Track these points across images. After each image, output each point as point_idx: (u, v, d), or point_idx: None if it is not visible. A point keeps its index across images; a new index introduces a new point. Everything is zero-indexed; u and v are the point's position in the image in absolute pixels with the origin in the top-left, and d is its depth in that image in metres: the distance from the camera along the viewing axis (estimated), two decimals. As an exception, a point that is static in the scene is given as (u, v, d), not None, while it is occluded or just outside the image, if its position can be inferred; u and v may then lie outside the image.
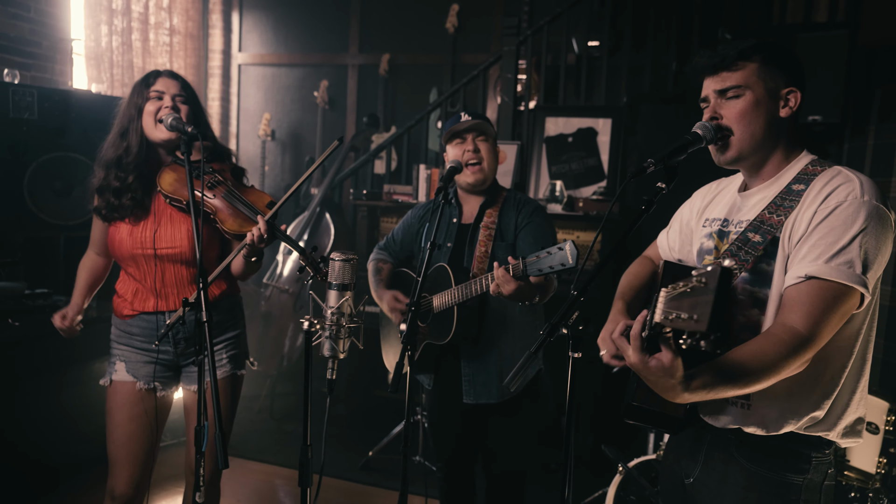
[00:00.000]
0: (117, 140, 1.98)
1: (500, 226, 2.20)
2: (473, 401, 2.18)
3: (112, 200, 1.96)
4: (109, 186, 1.97)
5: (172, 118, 1.89)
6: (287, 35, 5.45)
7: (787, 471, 1.32)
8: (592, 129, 3.94)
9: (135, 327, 2.05)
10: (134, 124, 1.95)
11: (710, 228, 1.52)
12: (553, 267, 1.77)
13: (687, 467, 1.48)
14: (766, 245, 1.30)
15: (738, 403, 1.34)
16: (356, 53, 5.28)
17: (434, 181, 4.01)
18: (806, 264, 1.23)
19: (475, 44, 5.00)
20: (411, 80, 5.14)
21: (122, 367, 2.04)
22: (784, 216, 1.30)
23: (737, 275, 1.32)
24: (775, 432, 1.31)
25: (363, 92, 5.30)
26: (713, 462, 1.41)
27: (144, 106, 1.93)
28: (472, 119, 2.20)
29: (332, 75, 5.32)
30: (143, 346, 2.05)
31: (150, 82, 1.95)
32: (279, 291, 4.13)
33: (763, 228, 1.32)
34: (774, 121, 1.36)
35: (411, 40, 5.13)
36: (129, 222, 1.99)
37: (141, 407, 2.03)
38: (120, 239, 2.00)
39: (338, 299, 1.48)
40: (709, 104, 1.42)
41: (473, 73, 4.25)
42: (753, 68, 1.35)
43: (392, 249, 2.50)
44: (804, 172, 1.35)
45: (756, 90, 1.35)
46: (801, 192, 1.31)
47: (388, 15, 5.18)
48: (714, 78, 1.40)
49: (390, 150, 4.55)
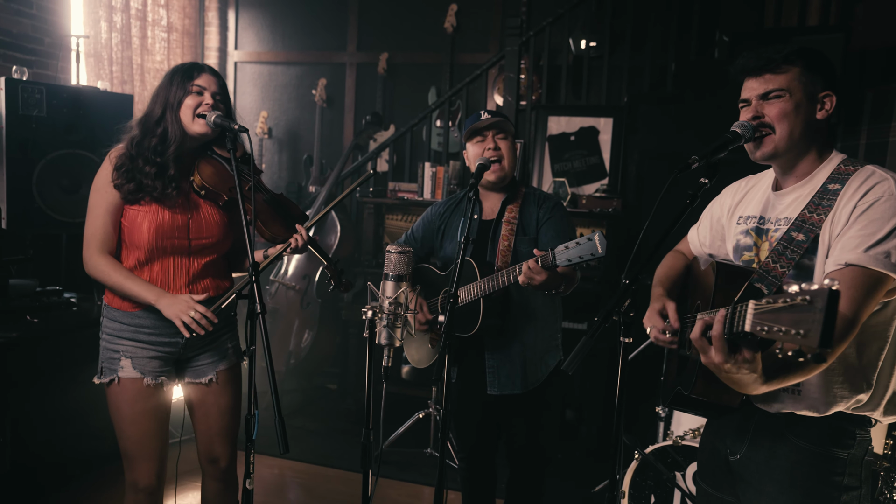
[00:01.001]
0: (152, 126, 1.95)
1: (522, 221, 2.27)
2: (498, 392, 2.24)
3: (146, 182, 1.92)
4: (142, 170, 1.93)
5: (216, 116, 1.92)
6: (284, 33, 5.46)
7: (833, 446, 1.41)
8: (594, 127, 4.04)
9: (146, 319, 1.99)
10: (172, 114, 1.94)
11: (745, 226, 1.60)
12: (583, 257, 1.85)
13: (732, 445, 1.56)
14: (810, 243, 1.39)
15: (790, 390, 1.43)
16: (354, 52, 5.31)
17: (439, 179, 4.07)
18: (846, 253, 1.32)
19: (473, 43, 5.06)
20: (410, 78, 5.19)
21: (128, 363, 1.98)
22: (824, 215, 1.38)
23: (785, 272, 1.40)
24: (825, 413, 1.40)
25: (361, 90, 5.33)
26: (761, 440, 1.50)
27: (185, 99, 1.94)
28: (492, 117, 2.26)
29: (330, 73, 5.34)
30: (150, 338, 2.00)
31: (194, 76, 1.95)
32: (285, 288, 4.15)
33: (805, 227, 1.40)
34: (811, 122, 1.45)
35: (410, 39, 5.17)
36: (161, 209, 1.96)
37: (151, 402, 2.01)
38: (148, 225, 1.95)
39: (395, 290, 1.53)
40: (749, 104, 1.49)
41: (476, 72, 4.31)
42: (796, 72, 1.43)
43: (413, 246, 2.55)
44: (838, 172, 1.43)
45: (797, 94, 1.43)
46: (837, 191, 1.39)
47: (386, 14, 5.22)
48: (758, 79, 1.46)
49: (393, 149, 4.59)
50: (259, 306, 1.69)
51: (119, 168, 1.95)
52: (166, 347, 2.03)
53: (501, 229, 2.26)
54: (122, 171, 1.94)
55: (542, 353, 2.29)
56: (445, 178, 4.06)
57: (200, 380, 2.10)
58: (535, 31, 4.12)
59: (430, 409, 3.44)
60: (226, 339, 2.18)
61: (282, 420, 1.61)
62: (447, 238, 2.42)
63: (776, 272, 1.41)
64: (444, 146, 4.55)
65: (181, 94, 1.94)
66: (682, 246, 1.88)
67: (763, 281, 1.41)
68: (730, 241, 1.65)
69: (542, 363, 2.29)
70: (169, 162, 1.95)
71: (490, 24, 5.05)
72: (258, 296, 1.71)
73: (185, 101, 1.94)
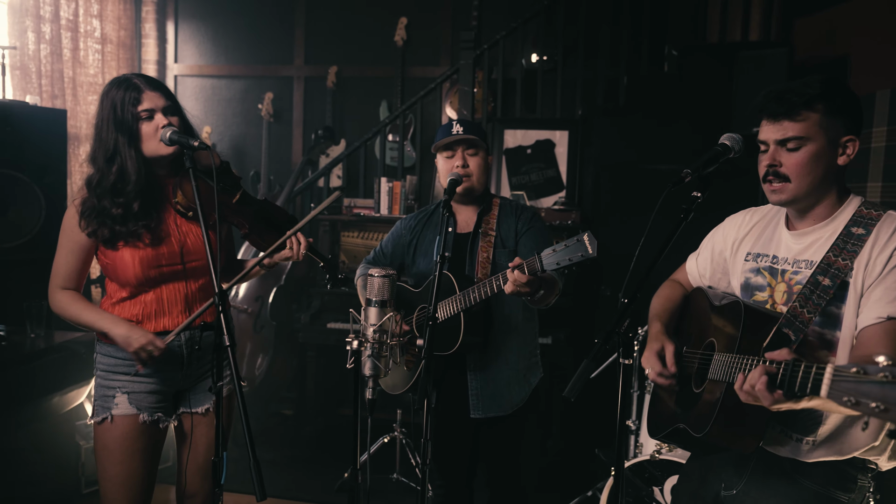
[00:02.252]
0: (104, 166, 1.82)
1: (500, 233, 2.22)
2: (482, 415, 2.17)
3: (118, 228, 1.83)
4: (109, 213, 1.81)
5: (171, 132, 1.79)
6: (227, 46, 5.26)
7: (836, 488, 1.39)
8: (550, 140, 4.04)
9: None
10: (126, 150, 1.79)
11: (755, 263, 1.55)
12: (572, 259, 1.76)
13: (728, 480, 1.52)
14: (836, 289, 1.34)
15: (804, 441, 1.40)
16: (302, 65, 5.17)
17: (396, 194, 3.98)
18: (884, 305, 1.29)
19: (424, 57, 5.02)
20: (360, 92, 5.09)
21: (123, 399, 1.87)
22: (850, 260, 1.34)
23: (812, 318, 1.36)
24: (843, 458, 1.38)
25: (310, 104, 5.19)
26: (762, 477, 1.46)
27: (139, 128, 1.80)
28: (464, 132, 2.19)
29: (277, 87, 5.18)
30: (148, 371, 1.88)
31: (137, 100, 1.79)
32: (237, 311, 3.96)
33: (831, 272, 1.36)
34: (832, 169, 1.40)
35: (359, 52, 5.08)
36: (146, 242, 1.86)
37: (142, 441, 1.89)
38: (133, 259, 1.85)
39: (379, 316, 1.43)
40: (768, 148, 1.44)
41: (431, 85, 4.26)
42: (816, 119, 1.37)
43: (381, 263, 2.46)
44: (860, 215, 1.39)
45: (817, 141, 1.37)
46: (861, 236, 1.35)
47: (334, 26, 5.11)
48: (775, 125, 1.40)
49: (346, 164, 4.48)
50: (227, 338, 1.57)
51: (87, 216, 1.83)
52: (165, 379, 1.91)
53: (479, 242, 2.20)
54: (91, 219, 1.83)
55: (525, 370, 2.24)
56: (402, 193, 3.98)
57: (197, 409, 1.98)
58: (489, 44, 4.10)
59: (396, 433, 3.33)
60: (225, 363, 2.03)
61: (257, 463, 1.48)
62: (419, 253, 2.34)
63: (803, 317, 1.36)
64: (398, 161, 4.47)
65: (133, 125, 1.79)
66: (680, 275, 1.82)
67: (790, 326, 1.37)
68: (736, 276, 1.60)
69: (525, 381, 2.23)
70: (131, 200, 1.81)
71: (440, 38, 5.02)
72: (226, 327, 1.58)
73: (142, 130, 1.80)
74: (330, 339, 3.71)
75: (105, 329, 1.85)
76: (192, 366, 1.95)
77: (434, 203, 2.44)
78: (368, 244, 4.02)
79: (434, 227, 2.33)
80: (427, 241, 2.30)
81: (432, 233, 2.32)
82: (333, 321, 3.75)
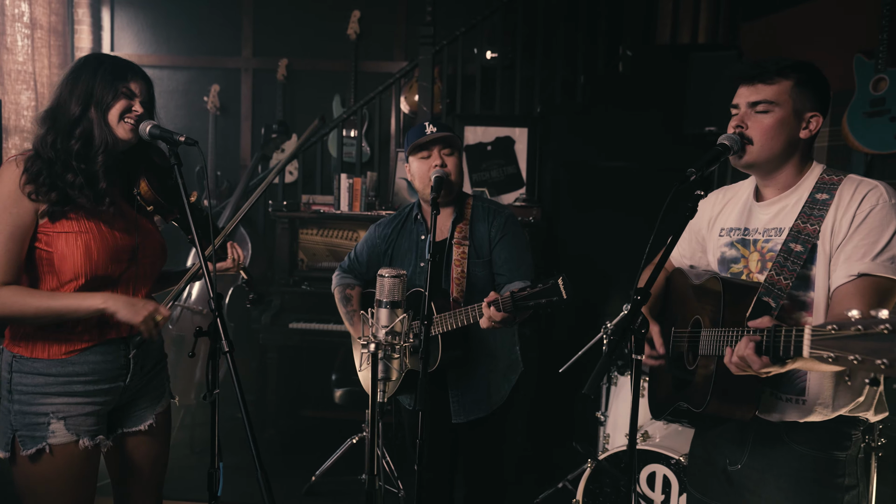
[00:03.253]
0: (67, 126, 1.62)
1: (473, 241, 2.16)
2: (464, 419, 2.16)
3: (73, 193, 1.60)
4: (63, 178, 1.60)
5: (151, 126, 1.68)
6: (169, 35, 5.02)
7: (834, 449, 1.46)
8: (510, 137, 4.08)
9: (82, 364, 1.67)
10: (99, 115, 1.64)
11: (729, 237, 1.62)
12: (547, 301, 1.76)
13: (732, 455, 1.58)
14: (808, 253, 1.43)
15: (793, 400, 1.47)
16: (250, 57, 5.00)
17: (356, 190, 3.91)
18: (854, 263, 1.37)
19: (378, 51, 4.95)
20: (312, 86, 4.97)
21: (59, 426, 1.63)
22: (818, 225, 1.43)
23: (789, 284, 1.43)
24: (828, 417, 1.45)
25: (259, 98, 5.02)
26: (762, 448, 1.53)
27: (113, 102, 1.65)
28: (438, 131, 2.14)
29: (224, 79, 4.98)
30: (87, 388, 1.67)
31: (127, 77, 1.67)
32: (191, 313, 3.79)
33: (802, 238, 1.44)
34: (793, 140, 1.48)
35: (311, 45, 4.96)
36: (97, 227, 1.66)
37: (86, 468, 1.69)
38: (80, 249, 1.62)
39: (390, 318, 1.40)
40: (739, 111, 1.52)
41: (389, 80, 4.21)
42: (787, 86, 1.46)
43: (357, 271, 2.40)
44: (822, 182, 1.48)
45: (784, 108, 1.46)
46: (826, 201, 1.44)
47: (284, 18, 4.96)
48: (749, 88, 1.49)
49: (302, 160, 4.37)
50: (226, 343, 1.50)
51: (35, 175, 1.59)
52: (104, 396, 1.72)
53: (453, 253, 2.14)
54: (39, 180, 1.59)
55: (505, 370, 2.23)
56: (363, 189, 3.91)
57: (139, 427, 1.82)
58: (449, 40, 4.09)
59: (365, 433, 3.28)
60: (162, 375, 1.93)
61: (265, 477, 1.42)
62: (395, 262, 2.28)
63: (781, 284, 1.44)
64: (356, 157, 4.39)
65: (109, 96, 1.64)
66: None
67: (770, 294, 1.44)
68: (712, 253, 1.68)
69: (506, 380, 2.23)
70: (98, 173, 1.64)
71: (394, 32, 4.96)
72: (223, 331, 1.51)
73: (114, 105, 1.65)
74: (292, 339, 3.62)
75: (90, 307, 1.59)
76: (135, 378, 1.77)
77: (408, 206, 2.37)
78: (329, 242, 3.94)
79: (408, 233, 2.27)
80: (403, 249, 2.25)
81: (407, 241, 2.26)
82: (295, 321, 3.65)
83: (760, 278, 1.52)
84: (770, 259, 1.51)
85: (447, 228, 2.20)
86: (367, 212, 3.86)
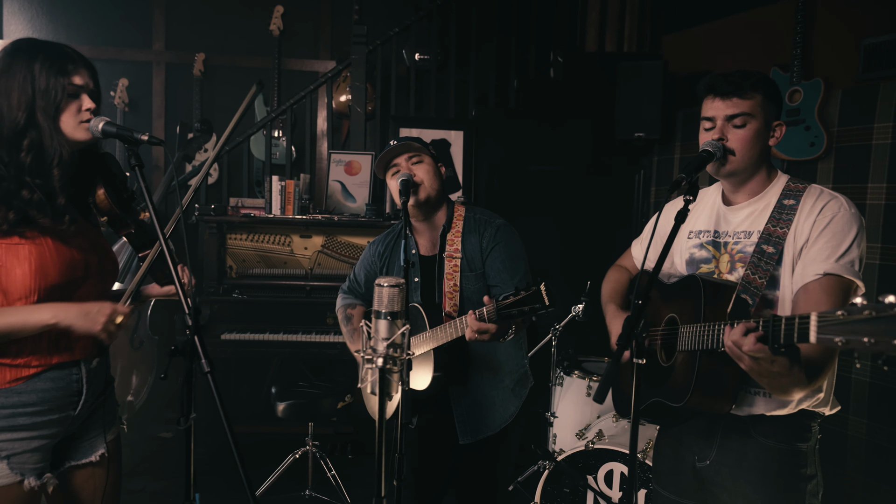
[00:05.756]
0: (13, 137, 1.43)
1: (465, 254, 2.06)
2: (472, 439, 2.05)
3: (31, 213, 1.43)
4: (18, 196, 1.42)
5: (104, 123, 1.51)
6: (68, 23, 4.60)
7: (797, 441, 1.55)
8: (446, 140, 4.05)
9: (29, 394, 1.47)
10: (48, 122, 1.45)
11: (698, 240, 1.70)
12: (527, 310, 1.71)
13: (701, 451, 1.63)
14: (779, 255, 1.52)
15: (761, 392, 1.53)
16: (162, 50, 4.68)
17: (289, 193, 3.74)
18: (819, 263, 1.46)
19: (302, 49, 4.79)
20: (231, 84, 4.72)
21: (3, 466, 1.45)
22: (786, 228, 1.53)
23: (763, 283, 1.51)
24: (793, 411, 1.52)
25: (173, 94, 4.72)
26: (730, 443, 1.58)
27: (63, 106, 1.46)
28: (398, 141, 2.09)
29: (133, 73, 4.63)
30: (33, 420, 1.47)
31: (69, 70, 1.47)
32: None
33: (773, 240, 1.53)
34: (765, 147, 1.60)
35: (231, 40, 4.72)
36: (50, 241, 1.47)
37: None
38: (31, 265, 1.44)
39: (390, 330, 1.32)
40: (714, 125, 1.58)
41: (321, 80, 4.07)
42: (759, 100, 1.56)
43: (357, 291, 2.32)
44: (789, 189, 1.58)
45: (759, 119, 1.56)
46: (793, 206, 1.54)
47: (200, 11, 4.68)
48: (725, 101, 1.56)
49: (226, 159, 4.13)
50: (206, 363, 1.36)
51: None
52: (53, 427, 1.52)
53: (445, 266, 2.05)
54: None
55: (513, 384, 2.12)
56: (296, 192, 3.75)
57: (90, 458, 1.62)
58: (382, 39, 4.01)
59: (308, 447, 3.14)
60: (112, 398, 1.73)
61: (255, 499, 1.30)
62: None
63: (756, 283, 1.52)
64: (286, 158, 4.21)
65: (57, 97, 1.45)
66: (626, 261, 1.97)
67: (747, 292, 1.52)
68: (679, 254, 1.75)
69: (515, 395, 2.12)
70: (56, 188, 1.46)
71: (319, 31, 4.81)
72: (202, 350, 1.37)
73: (63, 108, 1.46)
74: (224, 351, 3.40)
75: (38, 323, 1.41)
76: (86, 404, 1.58)
77: (400, 223, 2.26)
78: (259, 247, 3.74)
79: (400, 249, 2.16)
80: (397, 266, 2.16)
81: (399, 257, 2.16)
82: (227, 332, 3.44)
83: (730, 278, 1.59)
84: (740, 260, 1.60)
85: (437, 241, 2.11)
86: (300, 215, 3.70)
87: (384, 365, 1.24)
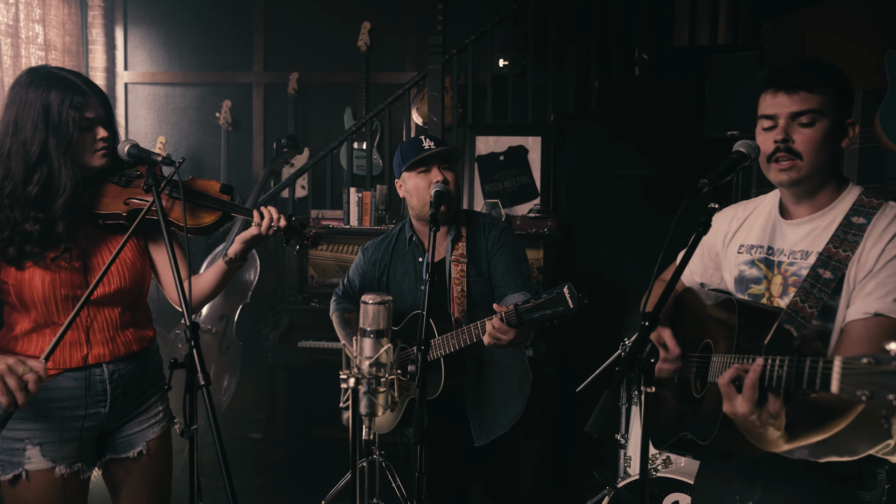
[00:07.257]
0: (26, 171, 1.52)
1: (472, 258, 2.07)
2: (486, 441, 2.08)
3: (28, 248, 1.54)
4: (20, 228, 1.53)
5: (130, 146, 1.61)
6: (181, 52, 5.02)
7: (859, 488, 1.33)
8: (523, 146, 3.96)
9: (56, 391, 1.62)
10: (61, 158, 1.53)
11: (749, 255, 1.49)
12: (554, 313, 1.64)
13: (742, 491, 1.45)
14: (836, 282, 1.29)
15: None
16: (261, 72, 4.98)
17: (366, 205, 3.83)
18: (873, 301, 1.24)
19: (389, 62, 4.89)
20: (323, 99, 4.92)
21: (35, 452, 1.59)
22: (850, 251, 1.29)
23: (814, 313, 1.30)
24: (853, 458, 1.31)
25: (270, 112, 4.99)
26: (777, 484, 1.39)
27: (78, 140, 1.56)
28: (436, 146, 2.04)
29: (236, 95, 4.97)
30: (64, 413, 1.63)
31: (82, 105, 1.55)
32: (201, 332, 3.73)
33: (832, 264, 1.30)
34: (837, 150, 1.36)
35: (321, 58, 4.92)
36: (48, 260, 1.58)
37: (63, 496, 1.63)
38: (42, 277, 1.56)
39: (375, 348, 1.29)
40: (776, 123, 1.37)
41: (399, 91, 4.13)
42: (830, 95, 1.33)
43: (352, 297, 2.33)
44: (860, 204, 1.34)
45: (830, 118, 1.33)
46: (862, 225, 1.30)
47: (295, 32, 4.93)
48: (792, 97, 1.34)
49: (311, 174, 4.31)
50: (202, 377, 1.40)
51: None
52: (87, 422, 1.66)
53: (452, 272, 2.05)
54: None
55: (519, 381, 2.16)
56: (373, 203, 3.83)
57: (128, 454, 1.74)
58: (458, 49, 3.99)
59: (375, 456, 3.17)
60: (156, 400, 1.83)
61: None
62: (393, 288, 2.19)
63: (805, 312, 1.30)
64: (367, 170, 4.32)
65: (70, 132, 1.54)
66: (669, 275, 1.77)
67: (792, 322, 1.30)
68: (728, 270, 1.54)
69: (521, 392, 2.16)
70: (57, 217, 1.56)
71: (405, 43, 4.89)
72: (199, 363, 1.41)
73: (78, 142, 1.56)
74: (301, 358, 3.54)
75: None
76: (117, 403, 1.70)
77: (395, 227, 2.28)
78: (339, 258, 3.86)
79: (402, 257, 2.19)
80: (399, 273, 2.17)
81: (402, 265, 2.18)
82: (304, 339, 3.57)
83: (780, 303, 1.38)
84: (793, 284, 1.38)
85: (444, 247, 2.11)
86: (376, 226, 3.77)
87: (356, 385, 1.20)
